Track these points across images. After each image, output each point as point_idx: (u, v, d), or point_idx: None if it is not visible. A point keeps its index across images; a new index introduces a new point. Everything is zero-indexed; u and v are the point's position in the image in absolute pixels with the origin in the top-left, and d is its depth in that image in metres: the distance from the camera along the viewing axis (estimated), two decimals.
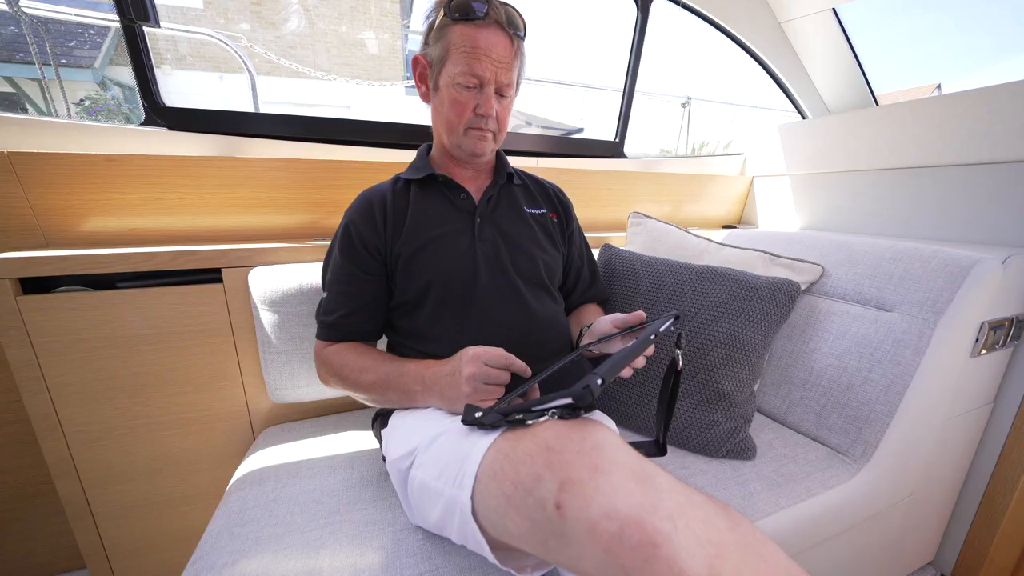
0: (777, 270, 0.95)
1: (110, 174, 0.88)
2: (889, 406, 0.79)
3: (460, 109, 0.69)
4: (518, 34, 0.68)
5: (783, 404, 0.95)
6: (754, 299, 0.83)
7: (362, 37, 6.30)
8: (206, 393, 0.91)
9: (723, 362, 0.82)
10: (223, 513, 0.70)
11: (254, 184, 0.98)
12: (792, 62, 1.37)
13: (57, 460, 0.84)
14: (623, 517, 0.32)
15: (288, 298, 0.86)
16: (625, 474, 0.35)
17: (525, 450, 0.38)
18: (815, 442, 0.87)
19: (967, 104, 1.01)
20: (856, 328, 0.87)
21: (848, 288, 0.91)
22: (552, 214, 0.84)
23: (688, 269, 0.90)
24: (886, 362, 0.81)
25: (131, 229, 0.93)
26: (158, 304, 0.84)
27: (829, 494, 0.76)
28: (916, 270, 0.83)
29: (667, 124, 4.34)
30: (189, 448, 0.92)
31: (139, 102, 0.93)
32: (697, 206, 1.53)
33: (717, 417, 0.82)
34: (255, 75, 1.26)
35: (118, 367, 0.84)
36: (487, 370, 0.57)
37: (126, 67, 5.68)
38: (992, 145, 0.97)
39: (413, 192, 0.75)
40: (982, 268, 0.77)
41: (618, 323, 0.64)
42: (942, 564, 1.05)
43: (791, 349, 0.96)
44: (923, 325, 0.79)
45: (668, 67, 17.02)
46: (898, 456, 0.81)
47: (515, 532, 0.36)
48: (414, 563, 0.59)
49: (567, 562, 0.34)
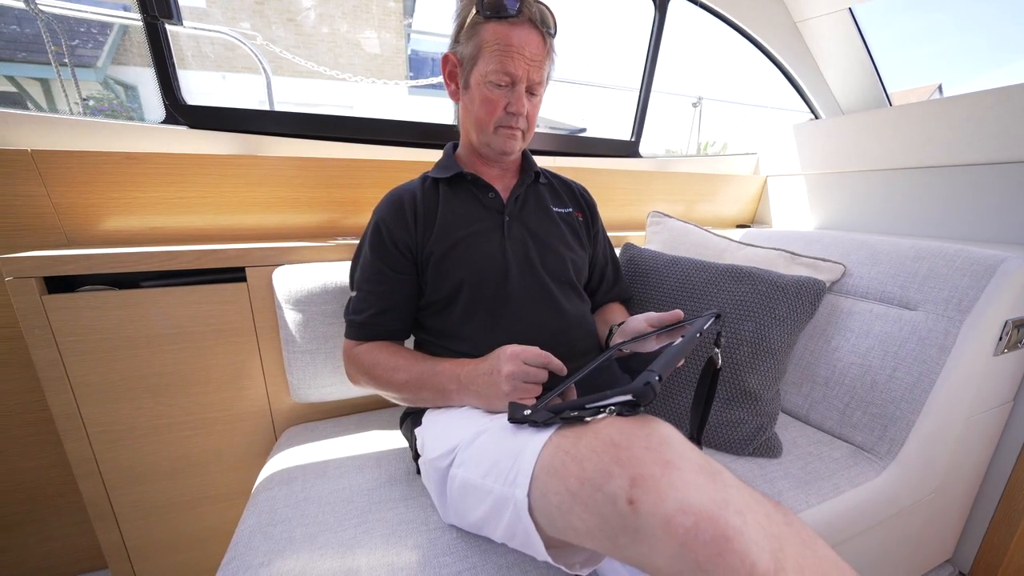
0: (799, 269, 0.96)
1: (131, 172, 0.87)
2: (915, 404, 0.79)
3: (491, 107, 0.68)
4: (549, 32, 0.68)
5: (805, 402, 0.95)
6: (780, 298, 0.83)
7: (364, 36, 6.29)
8: (228, 393, 0.91)
9: (749, 361, 0.82)
10: (253, 513, 0.69)
11: (275, 182, 0.98)
12: (807, 62, 1.37)
13: (80, 460, 0.84)
14: (697, 512, 0.32)
15: (313, 297, 0.85)
16: (695, 469, 0.35)
17: (588, 446, 0.38)
18: (839, 440, 0.87)
19: (980, 105, 1.01)
20: (880, 327, 0.87)
21: (871, 287, 0.91)
22: (578, 213, 0.84)
23: (712, 268, 0.91)
24: (911, 360, 0.81)
25: (152, 228, 0.93)
26: (181, 303, 0.83)
27: (856, 491, 0.76)
28: (941, 269, 0.83)
29: (678, 123, 4.34)
30: (211, 448, 0.92)
31: (140, 101, 0.93)
32: (711, 205, 1.53)
33: (744, 415, 0.82)
34: (271, 75, 1.26)
35: (141, 366, 0.83)
36: (526, 368, 0.57)
37: (128, 66, 5.65)
38: (1006, 145, 0.97)
39: (442, 191, 0.75)
40: (1008, 266, 0.78)
41: (653, 322, 0.64)
42: (960, 562, 1.05)
43: (813, 348, 0.96)
44: (949, 323, 0.79)
45: (680, 66, 17.02)
46: (923, 454, 0.81)
47: (580, 527, 0.37)
48: (451, 561, 0.59)
49: (636, 556, 0.34)
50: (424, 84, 5.72)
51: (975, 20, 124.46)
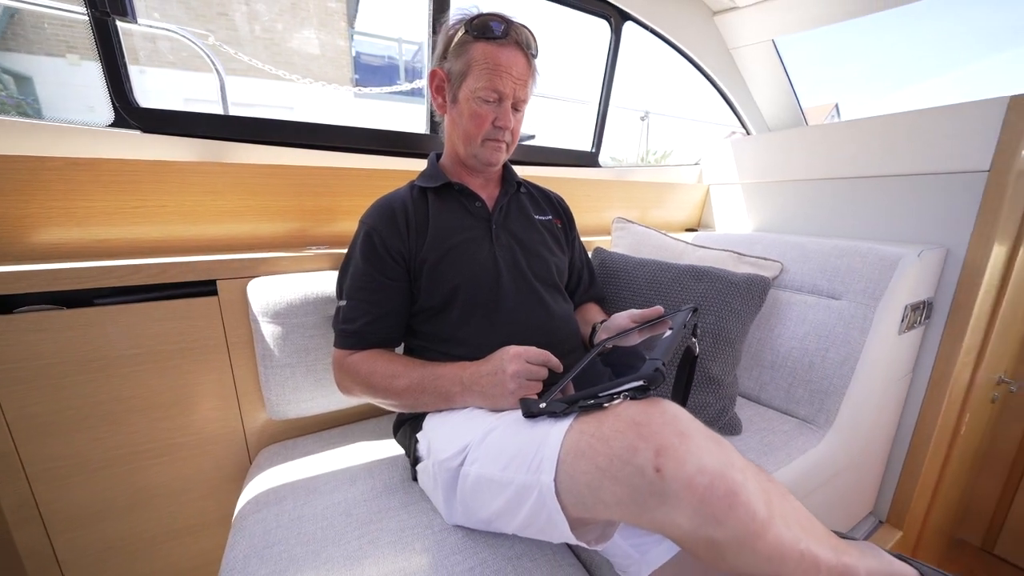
0: (746, 267, 1.08)
1: (76, 180, 0.79)
2: (844, 379, 0.93)
3: (480, 121, 0.72)
4: (533, 54, 0.73)
5: (756, 384, 1.07)
6: (734, 293, 0.94)
7: (303, 36, 6.00)
8: (196, 415, 0.85)
9: (711, 350, 0.92)
10: (242, 538, 0.66)
11: (242, 191, 0.93)
12: (739, 84, 1.55)
13: (17, 505, 0.74)
14: (711, 472, 0.38)
15: (294, 309, 0.83)
16: (704, 437, 0.41)
17: (612, 427, 0.42)
18: (786, 415, 1.00)
19: (880, 126, 1.22)
20: (813, 315, 1.01)
21: (804, 281, 1.06)
22: (557, 220, 0.90)
23: (675, 268, 1.00)
24: (839, 342, 0.96)
25: (99, 240, 0.85)
26: (143, 321, 0.77)
27: (804, 458, 0.88)
28: (857, 264, 0.99)
29: (627, 135, 4.65)
30: (177, 476, 0.85)
31: (36, 94, 0.85)
32: (662, 211, 1.67)
33: (709, 399, 0.91)
34: (224, 75, 1.18)
35: (96, 392, 0.76)
36: (529, 367, 0.61)
37: (18, 53, 4.91)
38: (900, 160, 1.18)
39: (431, 199, 0.77)
40: (905, 261, 0.95)
41: (636, 317, 0.71)
42: (879, 512, 1.24)
43: (759, 336, 1.09)
44: (866, 309, 0.95)
45: (630, 83, 18.10)
46: (851, 421, 0.95)
47: (609, 500, 0.41)
48: (462, 559, 0.61)
49: (661, 518, 0.39)
50: (382, 91, 5.48)
51: (871, 49, 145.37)
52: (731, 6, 1.36)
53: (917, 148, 1.13)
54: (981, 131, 1.01)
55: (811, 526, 0.45)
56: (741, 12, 1.37)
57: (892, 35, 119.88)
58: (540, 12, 1.07)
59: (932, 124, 1.09)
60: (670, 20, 1.37)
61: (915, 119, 1.13)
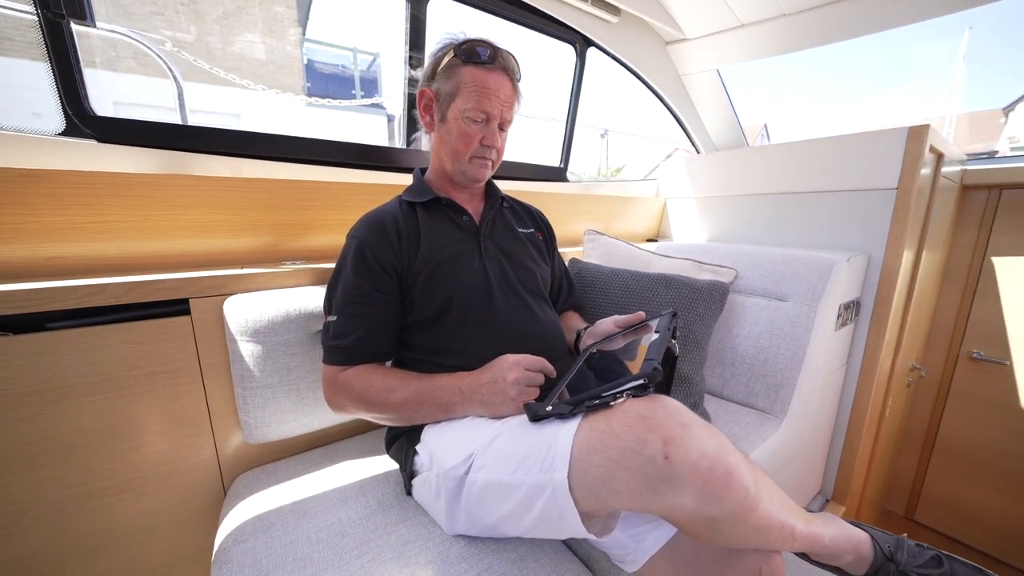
0: (706, 274, 1.19)
1: (24, 192, 0.73)
2: (794, 371, 1.05)
3: (468, 140, 0.75)
4: (517, 79, 0.78)
5: (719, 381, 1.17)
6: (699, 298, 1.03)
7: (247, 40, 5.72)
8: (165, 444, 0.79)
9: (682, 351, 0.99)
10: (230, 571, 0.63)
11: (212, 205, 0.89)
12: (689, 106, 1.70)
13: None
14: (712, 456, 0.43)
15: (275, 327, 0.80)
16: (702, 426, 0.46)
17: (621, 423, 0.46)
18: (747, 408, 1.10)
19: (811, 148, 1.39)
20: (765, 316, 1.13)
21: (756, 286, 1.18)
22: (538, 233, 0.94)
23: (645, 277, 1.08)
24: (788, 339, 1.07)
25: (48, 258, 0.77)
26: (105, 345, 0.71)
27: (765, 445, 0.97)
28: (800, 270, 1.12)
29: (588, 151, 4.86)
30: (141, 513, 0.78)
31: None
32: (624, 223, 1.78)
33: (680, 397, 0.99)
34: (182, 81, 1.12)
35: (48, 426, 0.69)
36: (528, 374, 0.64)
37: None
38: (829, 178, 1.35)
39: (420, 214, 0.78)
40: (838, 266, 1.09)
41: (620, 323, 0.76)
42: (826, 491, 1.38)
43: (720, 337, 1.19)
44: (809, 309, 1.07)
45: (591, 103, 19.11)
46: (801, 409, 1.07)
47: (622, 489, 0.45)
48: (467, 567, 0.62)
49: (668, 501, 0.44)
50: (340, 103, 5.25)
51: (802, 73, 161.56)
52: (682, 37, 1.50)
53: (841, 168, 1.30)
54: (888, 155, 1.19)
55: (785, 501, 0.52)
56: (690, 43, 1.51)
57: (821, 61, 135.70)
58: (510, 36, 1.12)
59: (852, 147, 1.27)
60: (629, 48, 1.48)
61: (838, 143, 1.31)
